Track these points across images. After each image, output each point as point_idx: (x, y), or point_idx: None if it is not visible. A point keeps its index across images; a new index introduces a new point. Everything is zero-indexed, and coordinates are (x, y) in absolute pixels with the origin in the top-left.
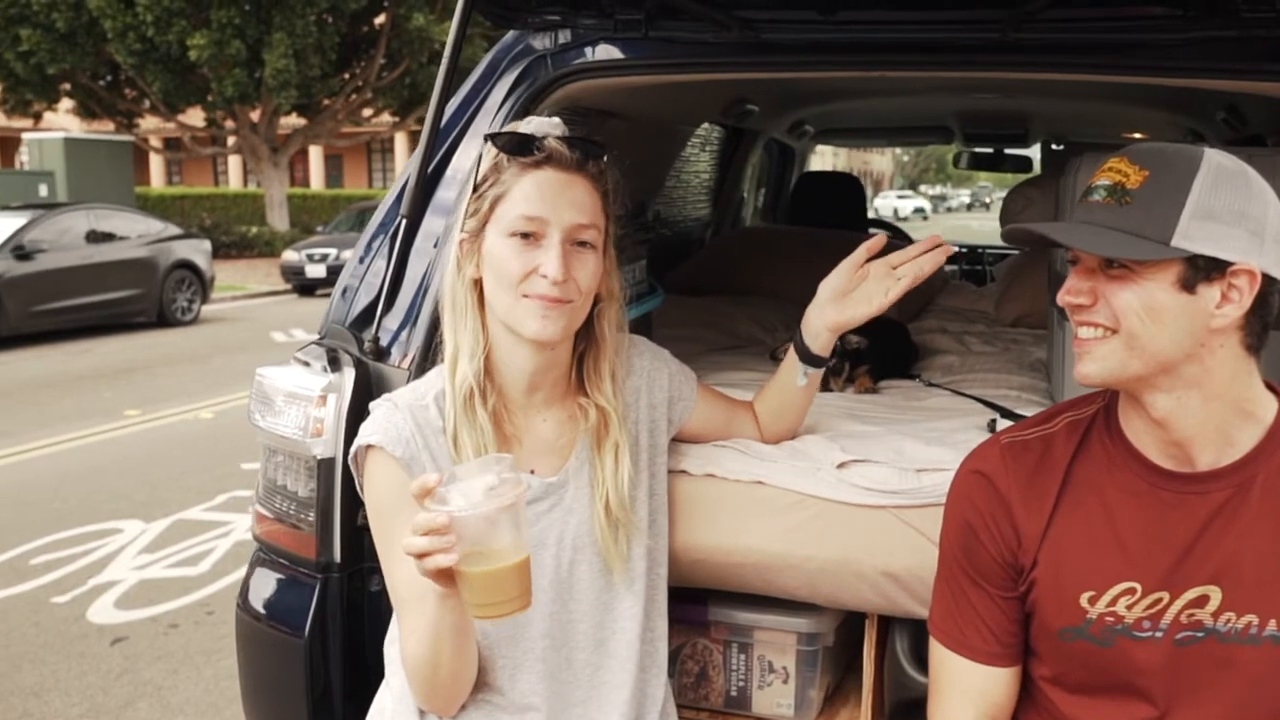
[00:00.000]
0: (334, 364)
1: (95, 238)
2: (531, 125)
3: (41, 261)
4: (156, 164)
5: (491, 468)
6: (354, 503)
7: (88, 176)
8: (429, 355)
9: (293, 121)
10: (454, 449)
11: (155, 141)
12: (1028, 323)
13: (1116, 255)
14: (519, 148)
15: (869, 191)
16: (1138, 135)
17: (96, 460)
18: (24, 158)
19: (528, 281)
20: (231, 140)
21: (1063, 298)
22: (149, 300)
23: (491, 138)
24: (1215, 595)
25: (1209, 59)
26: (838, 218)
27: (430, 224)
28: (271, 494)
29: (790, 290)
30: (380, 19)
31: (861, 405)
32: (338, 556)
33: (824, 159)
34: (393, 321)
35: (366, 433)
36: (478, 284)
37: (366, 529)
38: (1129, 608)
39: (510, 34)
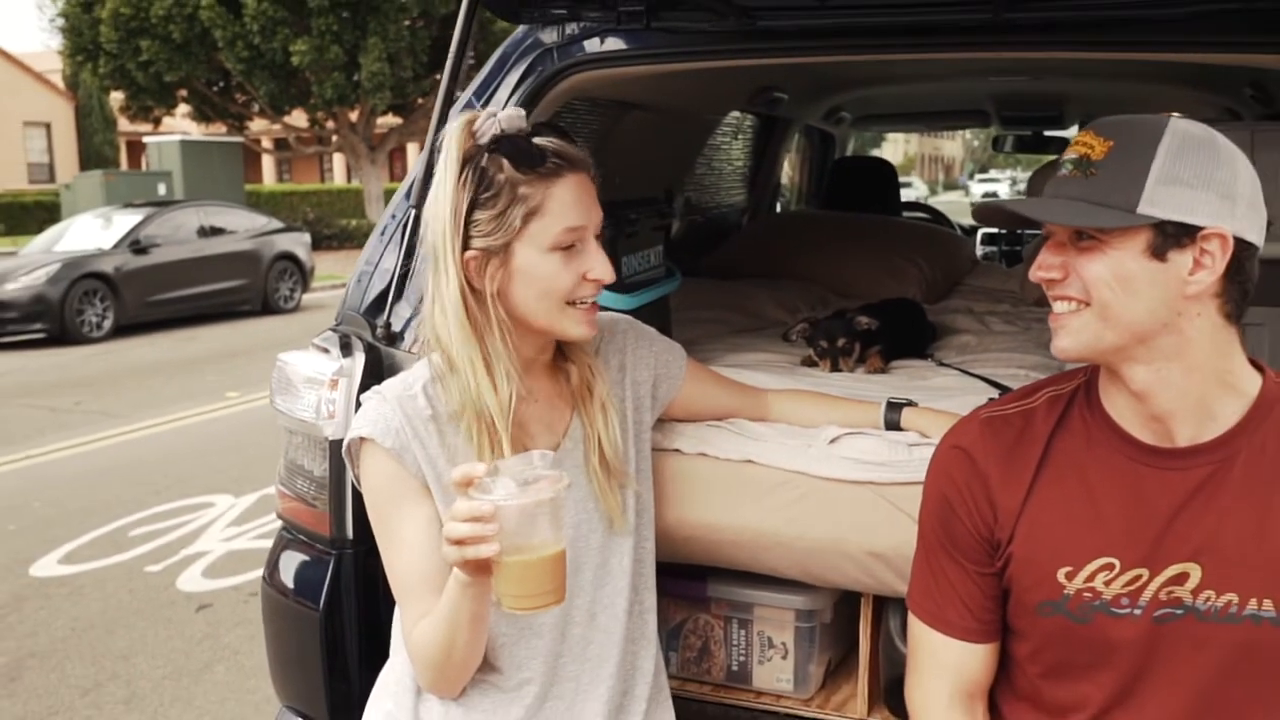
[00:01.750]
0: (346, 349)
1: (205, 232)
2: (502, 120)
3: (156, 255)
4: (268, 163)
5: (534, 462)
6: None
7: (202, 175)
8: None
9: (389, 121)
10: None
11: (266, 142)
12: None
13: (1080, 224)
14: (534, 158)
15: (940, 177)
16: (1175, 114)
17: (196, 439)
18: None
19: (578, 289)
20: (334, 139)
21: (1034, 273)
22: (254, 290)
23: (499, 151)
24: (1195, 573)
25: (1213, 33)
26: (871, 202)
27: None
28: (292, 474)
29: (819, 273)
30: (494, 28)
31: (867, 385)
32: (350, 533)
33: (897, 146)
34: (404, 308)
35: (356, 425)
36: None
37: None
38: (1107, 583)
39: (521, 28)
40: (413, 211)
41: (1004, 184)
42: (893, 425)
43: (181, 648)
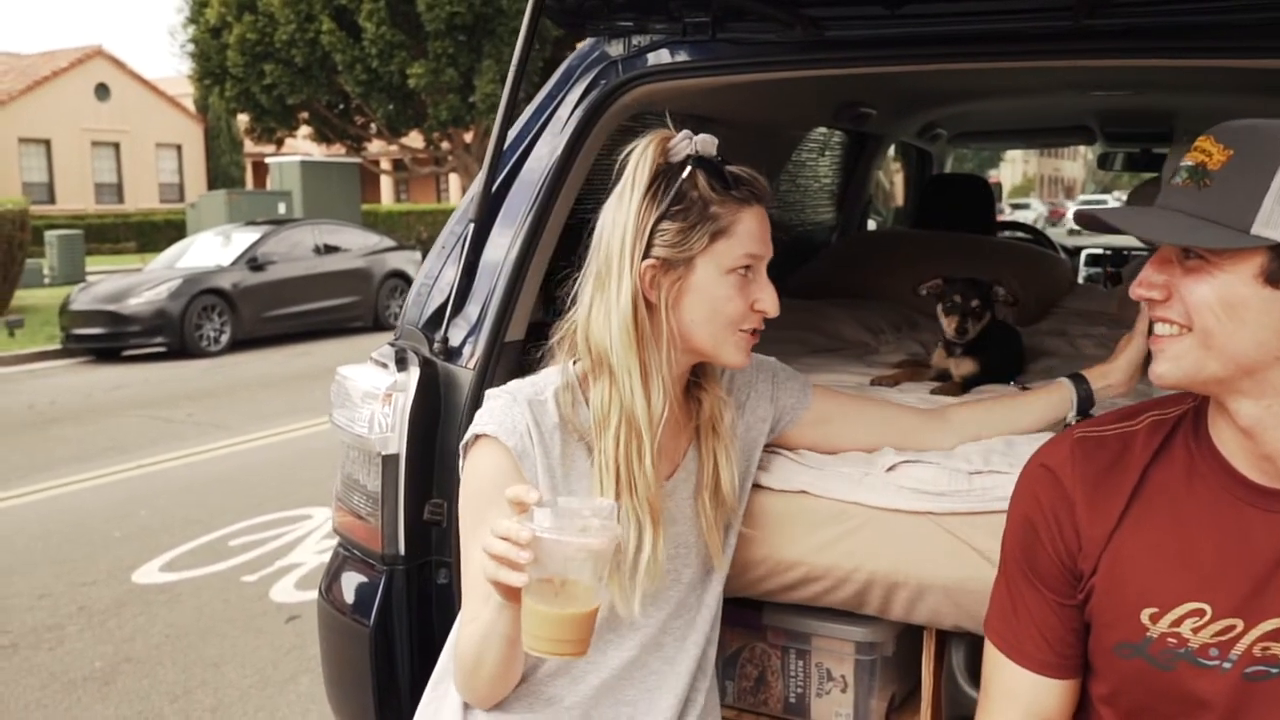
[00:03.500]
0: (402, 364)
1: (320, 250)
2: (698, 142)
3: (272, 272)
4: (386, 183)
5: (596, 507)
6: (419, 498)
7: (321, 195)
8: (494, 355)
9: None
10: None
11: (385, 163)
12: None
13: (1183, 242)
14: (729, 181)
15: (1060, 198)
16: None
17: (301, 452)
18: None
19: (745, 318)
20: (449, 160)
21: (1134, 290)
22: (365, 306)
23: (698, 168)
24: None
25: None
26: (967, 221)
27: (500, 231)
28: (349, 489)
29: (905, 293)
30: (580, 44)
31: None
32: (402, 550)
33: (1015, 166)
34: (462, 323)
35: (482, 422)
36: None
37: (433, 523)
38: (1195, 631)
39: (587, 42)
40: (472, 226)
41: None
42: (1086, 399)
43: (270, 657)
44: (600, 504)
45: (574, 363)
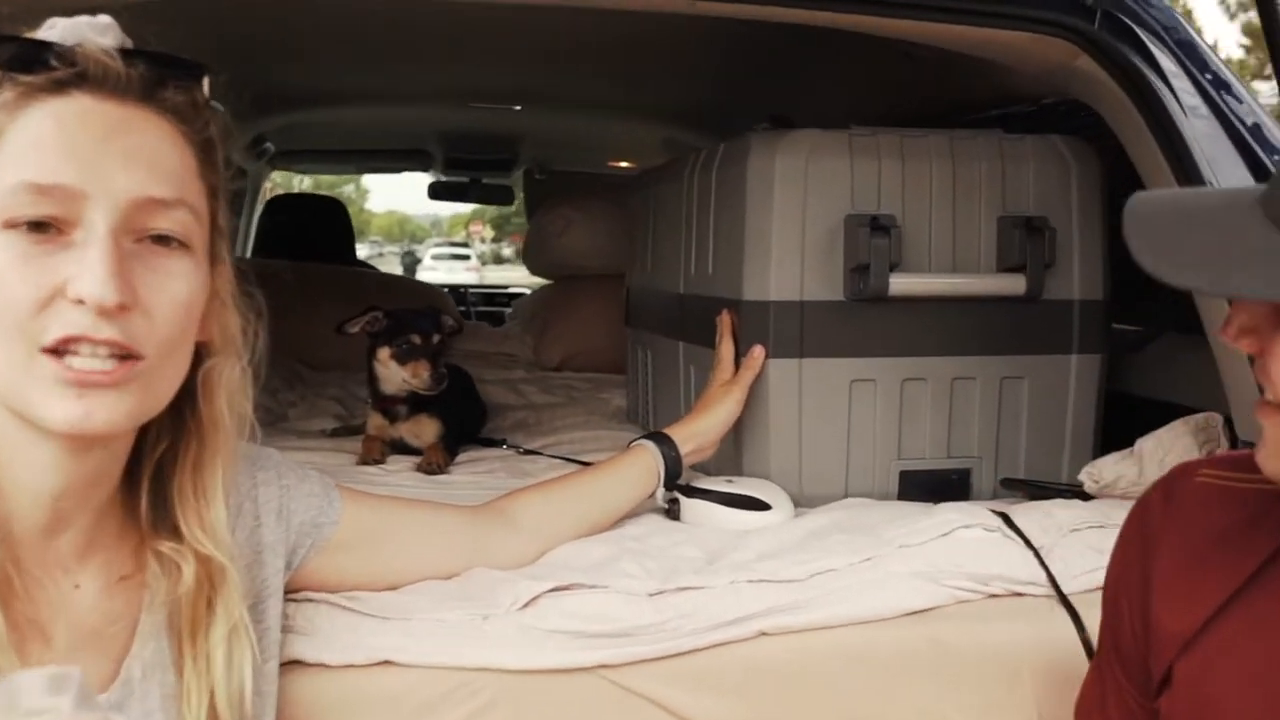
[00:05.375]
0: None
1: None
2: (58, 30)
3: None
4: None
5: (34, 695)
6: None
7: None
8: None
9: None
10: None
11: None
12: (573, 365)
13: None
14: (21, 58)
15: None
16: (624, 164)
17: None
18: None
19: (48, 315)
20: None
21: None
22: None
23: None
24: None
25: None
26: (321, 249)
27: None
28: None
29: (283, 342)
30: None
31: (448, 489)
32: None
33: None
34: None
35: None
36: None
37: None
38: None
39: None
40: None
41: None
42: (674, 467)
43: None
44: (48, 677)
45: None
